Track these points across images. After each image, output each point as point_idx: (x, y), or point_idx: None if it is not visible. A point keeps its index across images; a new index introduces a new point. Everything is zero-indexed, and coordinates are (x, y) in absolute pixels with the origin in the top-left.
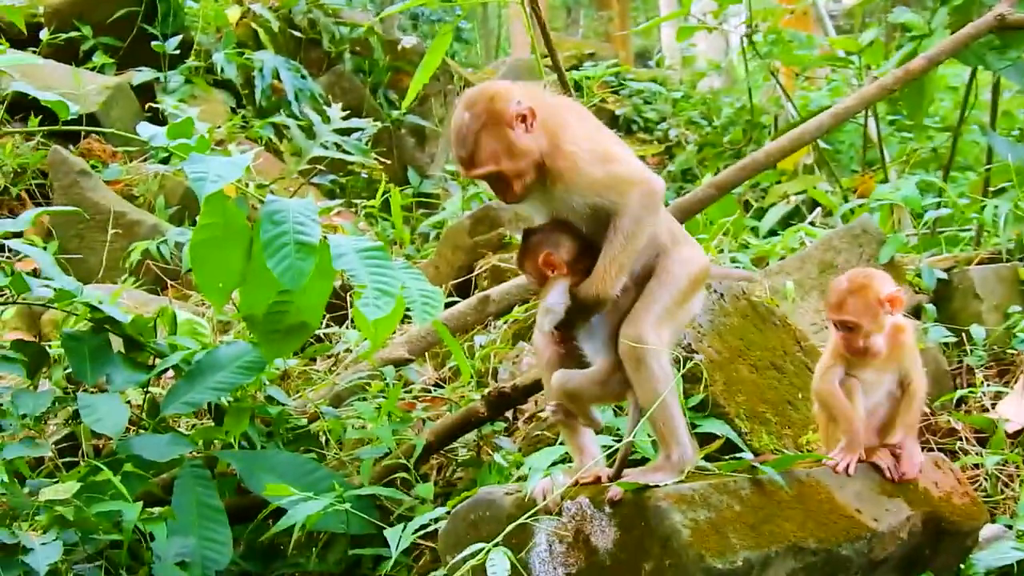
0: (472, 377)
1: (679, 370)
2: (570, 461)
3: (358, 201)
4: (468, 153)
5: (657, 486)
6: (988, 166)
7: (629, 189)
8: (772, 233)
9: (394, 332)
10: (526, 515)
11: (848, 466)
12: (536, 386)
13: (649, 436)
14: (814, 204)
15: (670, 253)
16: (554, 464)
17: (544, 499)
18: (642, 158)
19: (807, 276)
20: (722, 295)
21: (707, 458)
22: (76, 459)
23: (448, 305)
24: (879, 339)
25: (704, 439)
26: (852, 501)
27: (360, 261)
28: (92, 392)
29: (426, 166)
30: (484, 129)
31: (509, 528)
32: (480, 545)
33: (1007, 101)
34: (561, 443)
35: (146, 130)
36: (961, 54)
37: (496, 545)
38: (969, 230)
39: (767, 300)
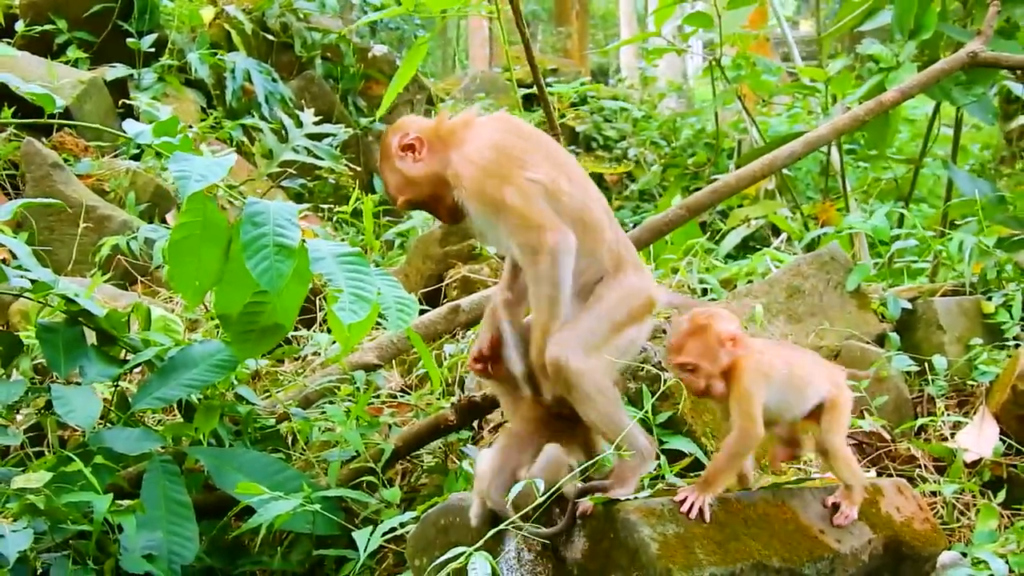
0: (440, 385)
1: (652, 389)
2: None
3: (325, 206)
4: (384, 187)
5: (623, 500)
6: (947, 200)
7: (528, 238)
8: (730, 256)
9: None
10: (504, 523)
11: (694, 506)
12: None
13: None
14: (773, 229)
15: (609, 280)
16: None
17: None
18: (601, 177)
19: (774, 300)
20: None
21: (677, 475)
22: (42, 449)
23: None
24: (719, 381)
25: (673, 456)
26: (816, 522)
27: (338, 266)
28: (61, 384)
29: None
30: (383, 164)
31: (489, 534)
32: (460, 549)
33: (963, 136)
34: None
35: (132, 127)
36: (929, 88)
37: (477, 549)
38: (927, 262)
39: None
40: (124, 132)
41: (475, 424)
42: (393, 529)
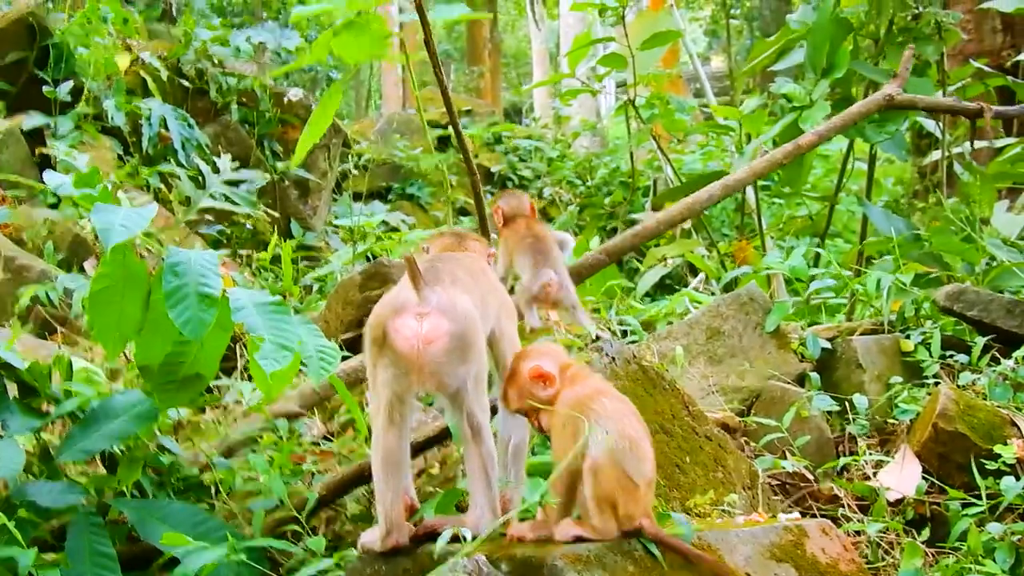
0: (366, 431)
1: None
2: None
3: (243, 252)
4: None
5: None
6: (862, 236)
7: None
8: (647, 295)
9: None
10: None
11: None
12: (428, 443)
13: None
14: (690, 267)
15: None
16: None
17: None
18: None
19: (695, 342)
20: (614, 359)
21: None
22: None
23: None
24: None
25: None
26: (742, 564)
27: (259, 315)
28: None
29: (309, 218)
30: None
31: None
32: None
33: (876, 170)
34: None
35: (52, 179)
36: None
37: None
38: (844, 299)
39: (656, 365)
40: (42, 182)
41: None
42: None
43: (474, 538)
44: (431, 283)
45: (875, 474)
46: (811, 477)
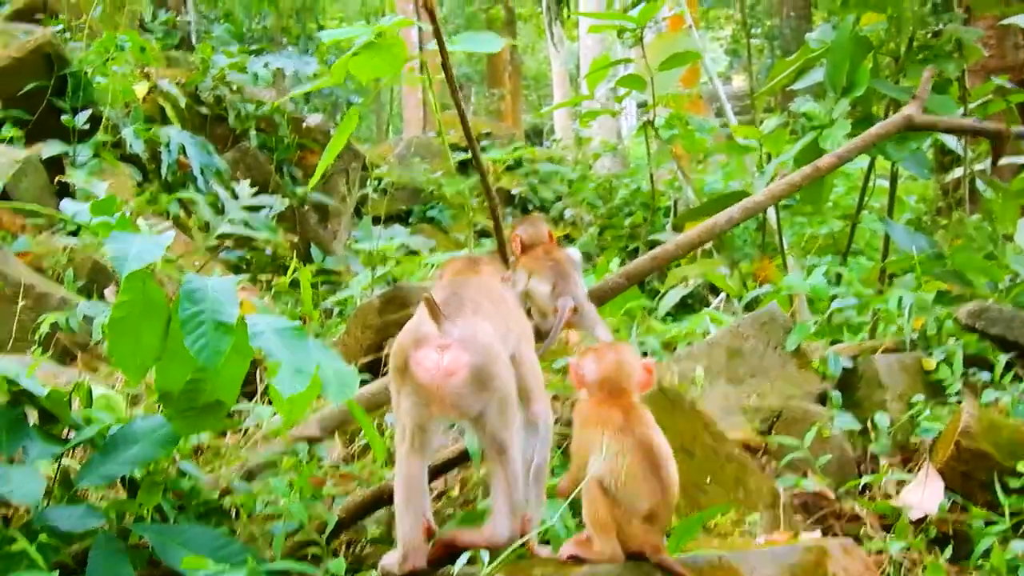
0: (384, 455)
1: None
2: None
3: (263, 277)
4: None
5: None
6: (884, 253)
7: None
8: (669, 315)
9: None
10: None
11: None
12: (447, 465)
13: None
14: (711, 287)
15: None
16: None
17: None
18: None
19: (715, 362)
20: None
21: None
22: None
23: (359, 384)
24: None
25: None
26: None
27: (277, 340)
28: (4, 463)
29: (329, 242)
30: None
31: None
32: None
33: (898, 188)
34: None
35: (70, 207)
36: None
37: None
38: (866, 318)
39: (676, 386)
40: (61, 210)
41: None
42: None
43: (492, 557)
44: (453, 313)
45: (897, 493)
46: (833, 496)
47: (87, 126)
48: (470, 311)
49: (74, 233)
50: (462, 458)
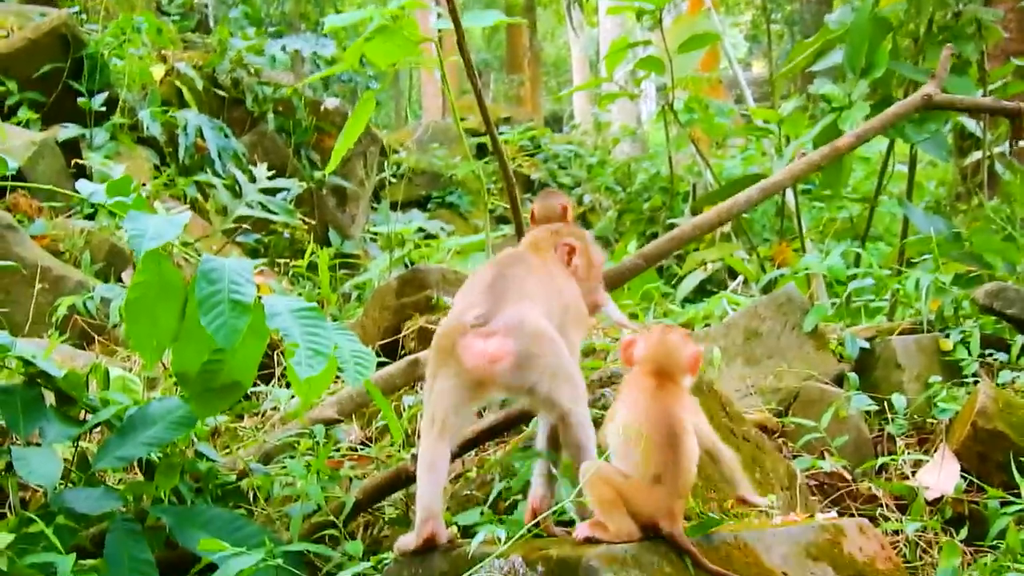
0: (401, 437)
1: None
2: (498, 519)
3: (281, 260)
4: None
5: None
6: (903, 237)
7: None
8: (687, 300)
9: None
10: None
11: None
12: (466, 447)
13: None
14: (730, 271)
15: None
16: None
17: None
18: None
19: (732, 343)
20: None
21: None
22: (3, 511)
23: (377, 366)
24: None
25: None
26: (779, 564)
27: (294, 321)
28: (21, 445)
29: (347, 226)
30: None
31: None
32: None
33: (918, 172)
34: (488, 503)
35: (85, 187)
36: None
37: None
38: (884, 301)
39: None
40: (78, 192)
41: None
42: None
43: (509, 538)
44: (499, 299)
45: (914, 473)
46: (849, 477)
47: (103, 108)
48: (516, 295)
49: (91, 216)
50: (480, 439)
